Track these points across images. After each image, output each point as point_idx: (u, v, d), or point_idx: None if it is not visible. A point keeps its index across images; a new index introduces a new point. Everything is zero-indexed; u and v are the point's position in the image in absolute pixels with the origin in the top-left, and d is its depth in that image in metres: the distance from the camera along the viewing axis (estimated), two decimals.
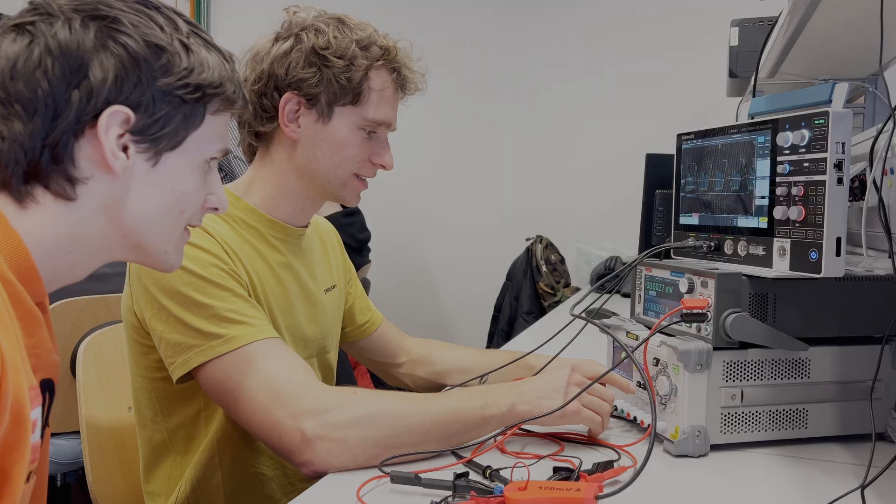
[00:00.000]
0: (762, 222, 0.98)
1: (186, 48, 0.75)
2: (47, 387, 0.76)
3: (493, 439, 0.98)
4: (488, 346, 3.27)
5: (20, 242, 0.69)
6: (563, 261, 3.33)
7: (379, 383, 2.38)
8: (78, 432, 1.28)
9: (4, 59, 0.70)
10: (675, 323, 1.03)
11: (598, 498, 0.78)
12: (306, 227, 1.23)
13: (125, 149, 0.72)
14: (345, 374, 2.57)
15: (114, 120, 0.71)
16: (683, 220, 1.15)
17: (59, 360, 0.80)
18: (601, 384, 1.05)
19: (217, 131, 0.80)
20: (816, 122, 0.89)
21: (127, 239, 0.76)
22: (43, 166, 0.70)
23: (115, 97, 0.71)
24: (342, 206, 2.35)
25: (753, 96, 1.30)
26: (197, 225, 0.83)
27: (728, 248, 1.05)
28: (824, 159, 0.88)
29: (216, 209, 0.84)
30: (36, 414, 0.70)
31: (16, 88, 0.69)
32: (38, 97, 0.69)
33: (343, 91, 1.11)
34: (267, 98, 1.12)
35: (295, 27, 1.13)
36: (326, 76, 1.10)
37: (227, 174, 2.22)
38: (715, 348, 0.98)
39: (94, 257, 0.76)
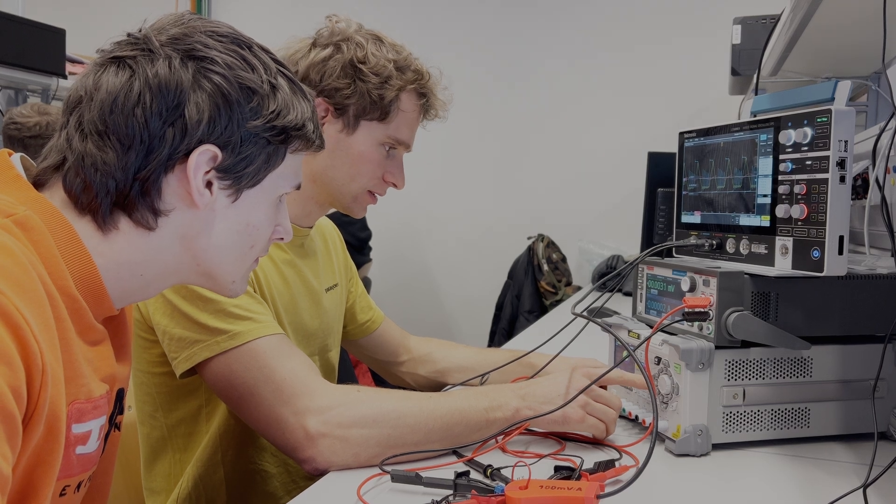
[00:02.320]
0: (764, 220, 0.98)
1: (274, 89, 0.76)
2: (119, 397, 0.80)
3: (495, 439, 0.98)
4: (489, 345, 3.27)
5: (90, 261, 0.71)
6: (564, 259, 3.33)
7: (380, 382, 2.38)
8: None
9: (105, 93, 0.71)
10: (676, 321, 1.03)
11: (599, 497, 0.78)
12: (310, 228, 1.23)
13: (209, 185, 0.74)
14: (346, 372, 2.58)
15: (203, 158, 0.72)
16: (685, 218, 1.15)
17: (128, 370, 0.83)
18: (602, 387, 1.05)
19: (293, 169, 0.81)
20: (819, 120, 0.89)
21: (200, 267, 0.78)
22: (132, 198, 0.72)
23: (206, 137, 0.72)
24: None
25: (756, 94, 1.29)
26: (264, 255, 0.84)
27: (730, 246, 1.05)
28: (827, 157, 0.88)
29: (281, 239, 0.85)
30: (92, 425, 0.72)
31: (114, 122, 0.71)
32: (136, 132, 0.71)
33: (373, 106, 1.12)
34: None
35: (336, 36, 1.13)
36: (360, 89, 1.11)
37: None
38: (717, 347, 0.98)
39: (165, 280, 0.78)
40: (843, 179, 0.88)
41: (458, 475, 0.84)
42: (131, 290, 0.76)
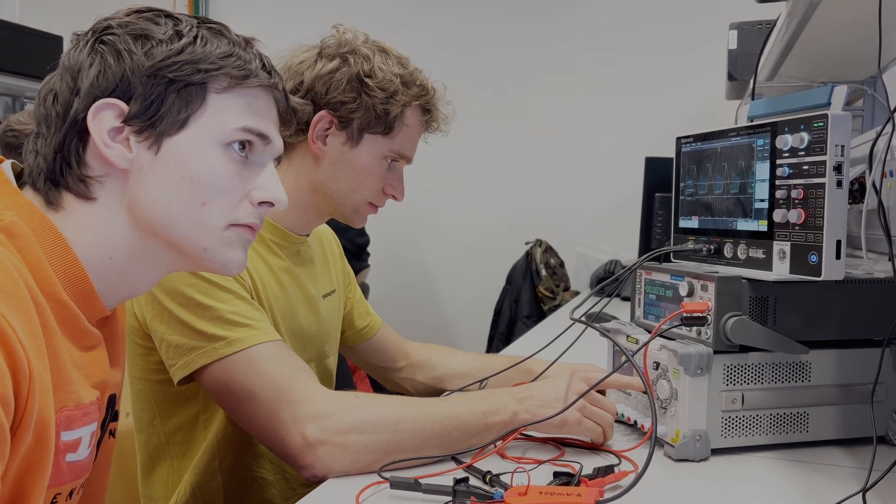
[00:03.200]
0: (762, 225, 0.98)
1: (178, 33, 0.74)
2: (111, 403, 0.79)
3: (493, 445, 0.98)
4: (488, 350, 3.27)
5: (77, 263, 0.71)
6: (562, 264, 3.33)
7: (378, 388, 2.37)
8: None
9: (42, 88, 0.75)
10: (675, 326, 1.03)
11: (598, 503, 0.78)
12: (307, 236, 1.23)
13: (126, 141, 0.73)
14: (344, 379, 2.57)
15: (105, 114, 0.72)
16: (683, 223, 1.15)
17: (121, 376, 0.82)
18: (599, 392, 1.05)
19: (234, 111, 0.75)
20: (815, 124, 0.89)
21: (158, 238, 0.75)
22: (60, 171, 0.73)
23: (101, 92, 0.72)
24: None
25: (752, 99, 1.30)
26: (248, 223, 0.78)
27: (728, 251, 1.05)
28: (823, 162, 0.88)
29: (270, 203, 0.79)
30: (83, 433, 0.71)
31: (39, 110, 0.75)
32: (49, 110, 0.74)
33: (378, 121, 1.12)
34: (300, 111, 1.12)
35: (342, 47, 1.13)
36: (365, 103, 1.11)
37: None
38: (715, 352, 0.98)
39: (140, 264, 0.76)
40: (839, 184, 0.88)
41: (458, 482, 0.83)
42: (110, 280, 0.74)
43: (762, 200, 0.98)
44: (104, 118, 0.72)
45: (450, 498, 0.82)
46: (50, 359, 0.65)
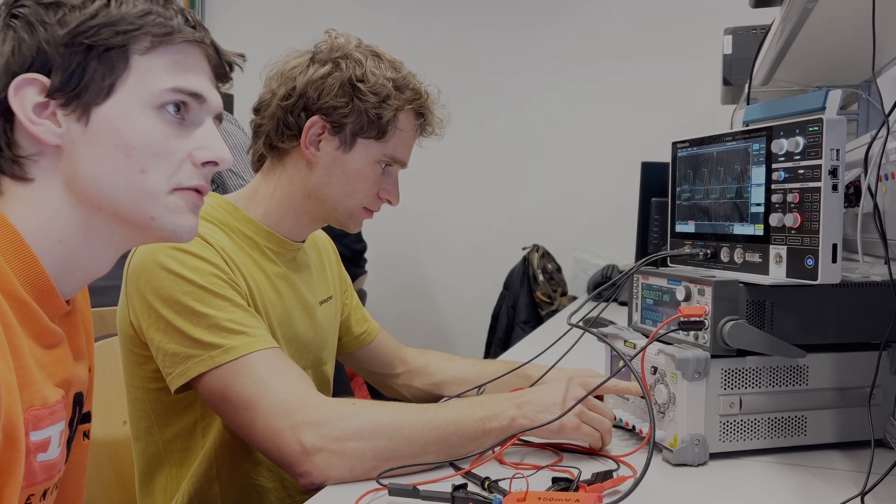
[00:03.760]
0: (758, 229, 0.98)
1: (92, 0, 0.71)
2: (77, 401, 0.76)
3: (491, 450, 0.98)
4: (486, 356, 3.27)
5: (34, 260, 0.69)
6: (559, 269, 3.34)
7: (376, 395, 2.37)
8: None
9: None
10: (672, 331, 1.03)
11: None
12: (303, 242, 1.23)
13: (53, 116, 0.71)
14: (341, 385, 2.56)
15: (25, 90, 0.70)
16: (679, 227, 1.15)
17: (85, 372, 0.79)
18: (597, 397, 1.05)
19: (154, 72, 0.72)
20: (810, 129, 0.90)
21: (103, 212, 0.72)
22: None
23: (19, 68, 0.70)
24: None
25: (748, 104, 1.30)
26: (192, 186, 0.75)
27: (724, 255, 1.05)
28: (819, 166, 0.88)
29: (214, 163, 0.76)
30: (51, 432, 0.70)
31: None
32: None
33: (370, 125, 1.12)
34: (293, 116, 1.12)
35: (335, 52, 1.13)
36: (357, 108, 1.11)
37: (219, 186, 2.22)
38: (713, 356, 0.98)
39: (91, 243, 0.73)
40: (835, 188, 0.88)
41: (456, 488, 0.83)
42: (64, 263, 0.72)
43: (758, 204, 0.98)
44: (26, 95, 0.69)
45: None
46: (14, 358, 0.64)
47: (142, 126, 0.72)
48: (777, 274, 0.95)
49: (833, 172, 0.88)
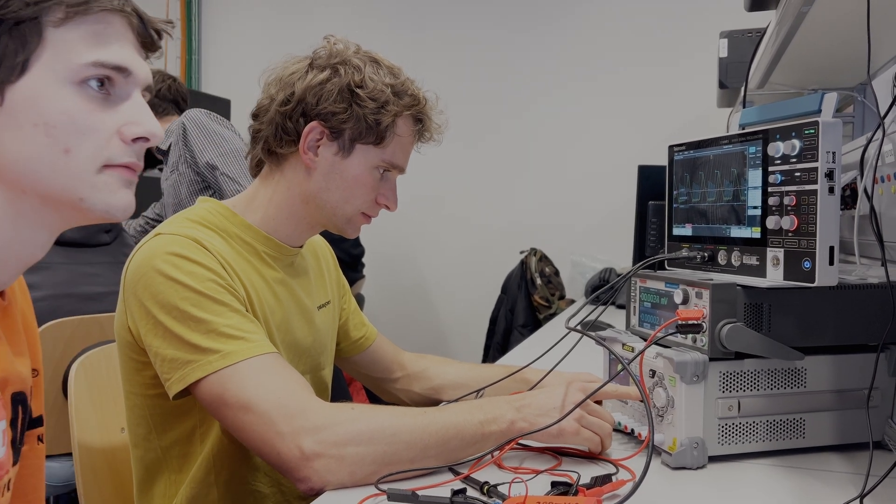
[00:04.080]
0: (755, 232, 0.98)
1: None
2: (18, 400, 0.72)
3: (490, 455, 0.98)
4: (484, 360, 3.27)
5: None
6: (557, 273, 3.34)
7: (375, 399, 2.37)
8: (70, 454, 1.26)
9: None
10: (670, 334, 1.03)
11: None
12: (300, 247, 1.23)
13: None
14: (340, 390, 2.56)
15: None
16: (677, 231, 1.15)
17: (27, 371, 0.75)
18: (597, 402, 1.05)
19: (71, 45, 0.68)
20: (806, 131, 0.90)
21: (28, 196, 0.68)
22: None
23: None
24: None
25: (744, 107, 1.30)
26: (123, 163, 0.71)
27: (722, 258, 1.05)
28: (815, 169, 0.88)
29: (145, 139, 0.72)
30: None
31: None
32: None
33: (369, 131, 1.12)
34: (291, 122, 1.12)
35: (333, 58, 1.13)
36: (356, 114, 1.11)
37: (216, 191, 2.22)
38: (711, 359, 0.98)
39: (21, 229, 0.70)
40: (831, 190, 0.88)
41: (455, 493, 0.83)
42: None
43: (755, 207, 0.98)
44: None
45: None
46: None
47: (61, 103, 0.67)
48: (774, 276, 0.95)
49: (829, 175, 0.88)
